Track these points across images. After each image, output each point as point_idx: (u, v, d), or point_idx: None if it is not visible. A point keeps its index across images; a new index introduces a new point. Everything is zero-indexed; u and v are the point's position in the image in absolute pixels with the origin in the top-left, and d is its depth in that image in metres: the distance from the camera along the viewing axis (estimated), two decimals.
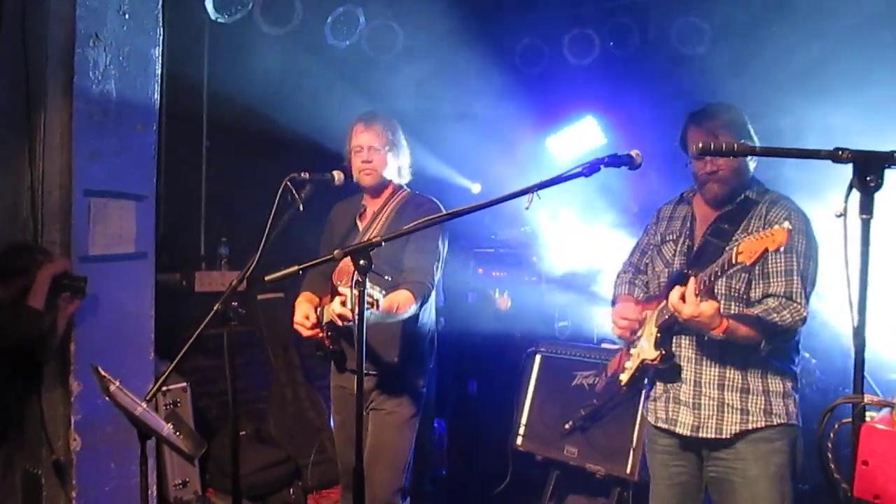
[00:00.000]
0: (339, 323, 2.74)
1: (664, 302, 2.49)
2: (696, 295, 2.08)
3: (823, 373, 4.07)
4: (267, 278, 2.26)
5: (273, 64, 5.04)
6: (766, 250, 1.98)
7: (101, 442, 3.96)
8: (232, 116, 4.97)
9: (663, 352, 2.51)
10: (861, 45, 4.35)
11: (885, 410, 1.35)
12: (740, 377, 2.47)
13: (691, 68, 5.30)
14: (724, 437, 2.46)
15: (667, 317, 2.47)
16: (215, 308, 2.56)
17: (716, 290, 2.37)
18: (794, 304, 2.35)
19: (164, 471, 4.31)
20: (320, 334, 3.16)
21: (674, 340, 2.56)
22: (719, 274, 2.19)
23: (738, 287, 2.49)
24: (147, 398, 2.45)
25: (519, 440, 4.22)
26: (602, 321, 4.70)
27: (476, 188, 5.95)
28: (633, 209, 5.11)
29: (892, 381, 3.71)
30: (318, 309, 3.21)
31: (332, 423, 5.22)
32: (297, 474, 4.75)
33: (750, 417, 2.44)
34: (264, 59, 4.99)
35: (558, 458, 4.03)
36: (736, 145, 1.52)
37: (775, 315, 2.32)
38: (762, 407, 2.45)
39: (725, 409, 2.47)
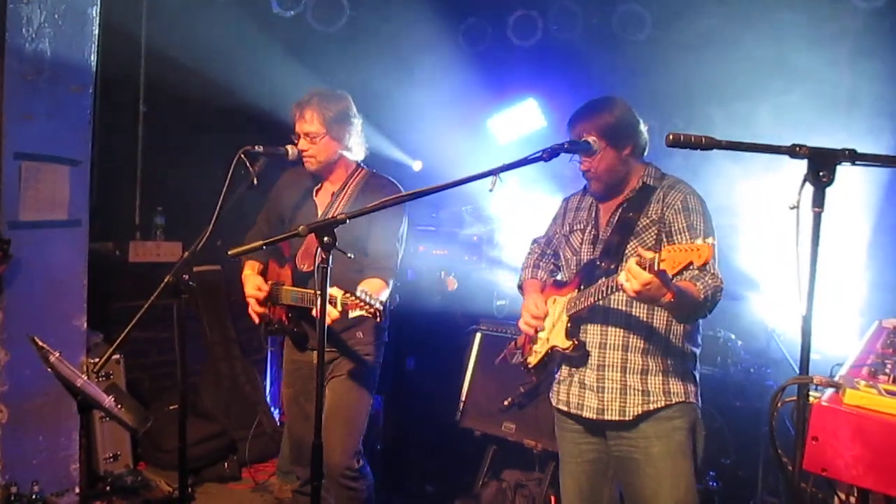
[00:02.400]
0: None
1: (574, 292, 2.60)
2: (643, 267, 2.10)
3: (747, 353, 4.29)
4: (230, 252, 2.23)
5: (215, 29, 4.89)
6: (691, 264, 2.01)
7: (29, 414, 3.84)
8: (170, 82, 4.81)
9: (576, 341, 2.59)
10: (800, 38, 4.52)
11: (831, 390, 1.45)
12: (641, 360, 2.55)
13: (632, 55, 5.44)
14: (627, 418, 2.54)
15: (579, 308, 2.55)
16: (166, 280, 2.49)
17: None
18: (709, 273, 2.41)
19: (93, 444, 4.20)
20: (272, 309, 3.15)
21: (580, 328, 2.64)
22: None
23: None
24: (96, 369, 2.39)
25: (458, 416, 4.29)
26: None
27: (417, 165, 5.95)
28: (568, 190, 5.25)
29: (815, 361, 3.92)
30: (272, 284, 3.19)
31: (268, 398, 5.30)
32: (232, 448, 4.71)
33: (651, 398, 2.53)
34: (206, 24, 4.85)
35: (496, 434, 4.11)
36: (704, 139, 1.59)
37: (700, 282, 2.38)
38: (661, 387, 2.54)
39: (628, 392, 2.55)
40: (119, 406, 2.69)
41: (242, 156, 2.70)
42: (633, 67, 5.36)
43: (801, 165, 1.59)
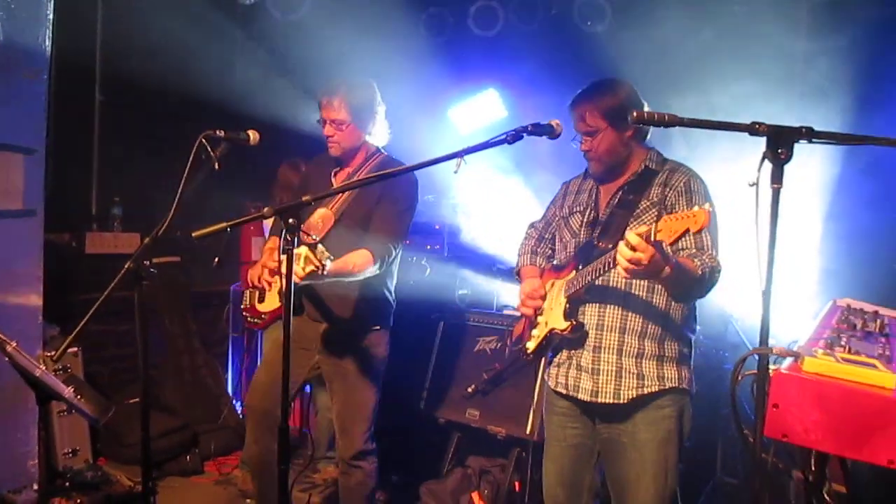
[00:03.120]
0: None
1: (572, 273, 2.60)
2: (645, 239, 2.09)
3: (706, 337, 4.38)
4: (194, 234, 2.20)
5: (173, 17, 4.81)
6: (688, 230, 2.01)
7: None
8: (127, 70, 4.73)
9: (574, 322, 2.58)
10: (756, 25, 4.62)
11: (790, 360, 1.50)
12: (637, 343, 2.56)
13: (591, 45, 5.49)
14: (621, 401, 2.55)
15: (577, 288, 2.56)
16: (126, 266, 2.45)
17: None
18: (707, 253, 2.44)
19: (52, 439, 4.12)
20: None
21: (578, 309, 2.64)
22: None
23: None
24: (55, 358, 2.34)
25: (422, 404, 4.31)
26: (502, 289, 4.84)
27: None
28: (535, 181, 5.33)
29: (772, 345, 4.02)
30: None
31: (230, 390, 5.24)
32: (194, 441, 4.65)
33: (645, 382, 2.54)
34: (163, 11, 4.76)
35: (460, 421, 4.14)
36: (667, 116, 1.62)
37: (698, 259, 2.40)
38: (656, 371, 2.55)
39: (623, 375, 2.55)
40: (79, 397, 2.64)
41: (204, 140, 2.65)
42: (593, 58, 5.42)
43: (759, 148, 1.64)
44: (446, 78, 5.85)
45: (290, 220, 2.12)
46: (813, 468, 1.57)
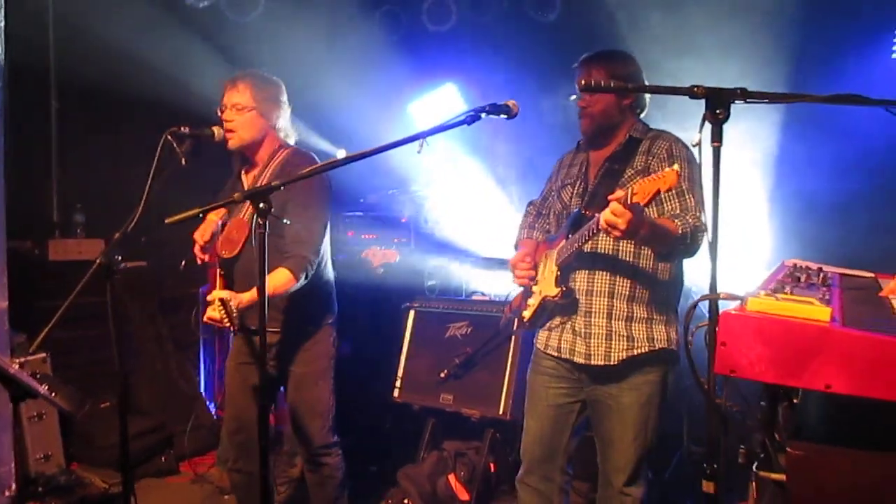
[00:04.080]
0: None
1: (563, 242, 2.71)
2: (623, 204, 2.21)
3: None
4: (167, 220, 2.24)
5: (126, 22, 4.82)
6: (658, 191, 2.14)
7: None
8: (83, 77, 4.72)
9: (563, 288, 2.71)
10: (703, 14, 4.77)
11: (737, 303, 1.61)
12: (626, 307, 2.69)
13: (544, 35, 5.62)
14: (612, 363, 2.68)
15: (566, 256, 2.67)
16: (97, 261, 2.48)
17: None
18: (690, 213, 2.56)
19: (23, 445, 4.09)
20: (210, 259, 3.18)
21: (570, 276, 2.76)
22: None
23: None
24: (32, 349, 2.37)
25: (396, 392, 4.36)
26: (469, 276, 4.94)
27: (341, 153, 5.98)
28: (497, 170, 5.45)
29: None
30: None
31: (202, 391, 5.24)
32: (168, 442, 4.66)
33: (635, 344, 2.67)
34: (117, 16, 4.77)
35: (435, 406, 4.21)
36: (613, 83, 1.72)
37: (678, 220, 2.52)
38: (645, 333, 2.68)
39: (613, 338, 2.68)
40: (53, 394, 2.67)
41: (169, 137, 2.70)
42: (546, 47, 5.55)
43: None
44: (404, 74, 5.93)
45: (262, 205, 2.17)
46: (764, 409, 1.68)
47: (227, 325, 2.74)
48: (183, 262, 3.72)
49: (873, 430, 1.47)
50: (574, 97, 2.77)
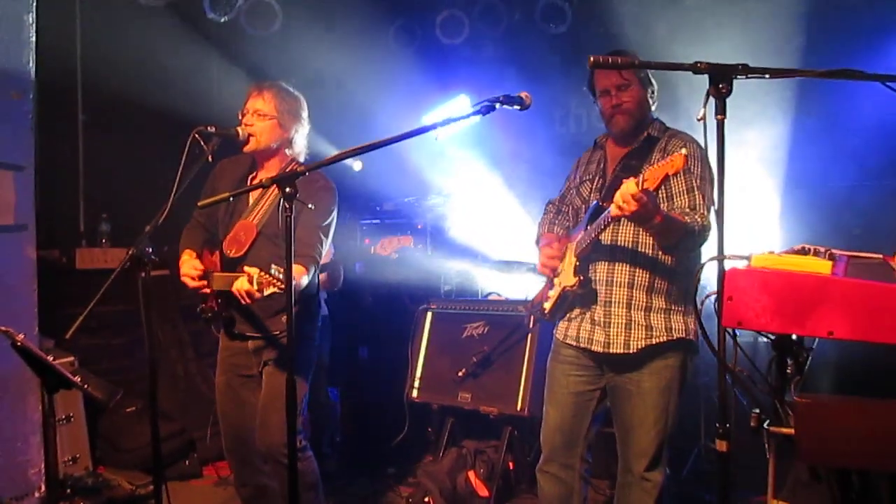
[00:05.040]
0: (245, 301, 2.84)
1: (581, 233, 2.79)
2: (637, 186, 2.29)
3: None
4: (200, 203, 2.34)
5: (150, 36, 4.99)
6: (667, 175, 2.25)
7: None
8: (108, 89, 4.87)
9: (581, 278, 2.78)
10: (710, 28, 4.87)
11: (743, 262, 1.68)
12: (645, 297, 2.76)
13: (555, 46, 5.74)
14: (631, 352, 2.74)
15: (584, 246, 2.75)
16: (129, 252, 2.59)
17: None
18: (698, 212, 2.65)
19: (53, 446, 4.18)
20: (208, 288, 3.17)
21: (590, 267, 2.84)
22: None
23: None
24: (68, 335, 2.46)
25: (415, 392, 4.43)
26: (486, 277, 5.02)
27: (357, 165, 6.09)
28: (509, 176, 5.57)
29: None
30: (204, 271, 3.19)
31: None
32: (191, 446, 4.74)
33: (654, 333, 2.74)
34: (140, 30, 4.94)
35: (453, 405, 4.27)
36: (621, 59, 1.80)
37: (688, 216, 2.61)
38: (664, 323, 2.75)
39: (633, 327, 2.75)
40: (86, 385, 2.76)
41: (196, 135, 2.81)
42: (557, 58, 5.67)
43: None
44: (419, 86, 6.08)
45: (288, 189, 2.26)
46: (774, 372, 1.75)
47: (257, 294, 2.75)
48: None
49: (876, 378, 1.53)
50: (598, 102, 2.86)
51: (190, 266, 3.18)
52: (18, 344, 2.57)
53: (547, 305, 2.96)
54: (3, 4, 3.85)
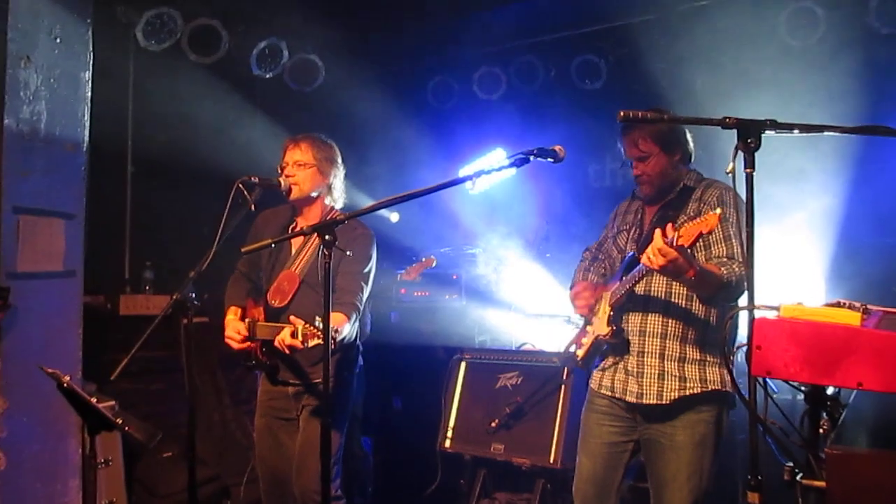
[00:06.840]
0: (287, 352, 2.94)
1: (616, 284, 2.82)
2: (665, 242, 2.33)
3: None
4: (243, 249, 2.43)
5: (197, 91, 5.19)
6: (701, 234, 2.27)
7: (27, 461, 3.90)
8: (156, 144, 5.09)
9: (614, 327, 2.80)
10: (749, 80, 4.91)
11: (773, 313, 1.69)
12: (679, 347, 2.76)
13: (590, 102, 5.84)
14: (664, 402, 2.73)
15: (619, 296, 2.77)
16: (173, 297, 2.68)
17: None
18: (736, 261, 2.64)
19: (92, 488, 4.24)
20: (251, 346, 3.29)
21: (623, 317, 2.85)
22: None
23: None
24: (113, 377, 2.54)
25: (448, 442, 4.41)
26: (520, 329, 5.03)
27: (394, 217, 6.21)
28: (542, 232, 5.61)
29: None
30: (248, 321, 3.34)
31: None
32: (226, 493, 4.77)
33: (687, 384, 2.72)
34: (189, 86, 5.15)
35: (486, 455, 4.24)
36: (650, 114, 1.86)
37: (725, 267, 2.61)
38: (698, 374, 2.73)
39: (666, 377, 2.74)
40: (127, 427, 2.83)
41: (240, 185, 2.92)
42: (592, 113, 5.75)
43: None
44: (456, 140, 6.22)
45: (327, 237, 2.34)
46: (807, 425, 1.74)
47: (300, 347, 2.84)
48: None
49: None
50: (625, 167, 2.91)
51: (234, 329, 3.28)
52: (65, 385, 2.66)
53: (580, 353, 2.98)
54: (63, 63, 4.07)
